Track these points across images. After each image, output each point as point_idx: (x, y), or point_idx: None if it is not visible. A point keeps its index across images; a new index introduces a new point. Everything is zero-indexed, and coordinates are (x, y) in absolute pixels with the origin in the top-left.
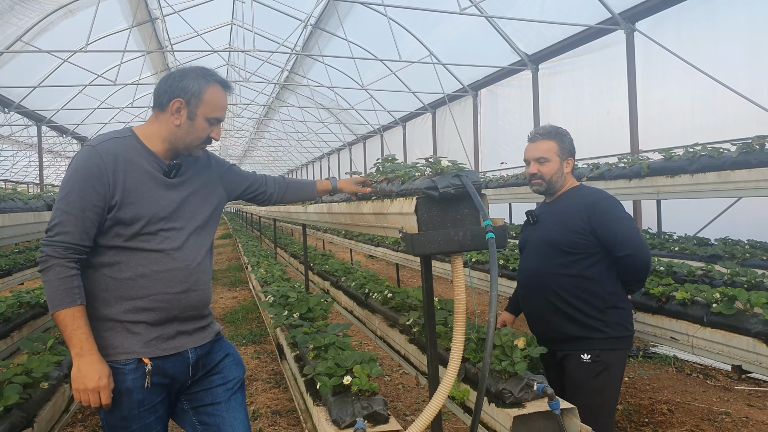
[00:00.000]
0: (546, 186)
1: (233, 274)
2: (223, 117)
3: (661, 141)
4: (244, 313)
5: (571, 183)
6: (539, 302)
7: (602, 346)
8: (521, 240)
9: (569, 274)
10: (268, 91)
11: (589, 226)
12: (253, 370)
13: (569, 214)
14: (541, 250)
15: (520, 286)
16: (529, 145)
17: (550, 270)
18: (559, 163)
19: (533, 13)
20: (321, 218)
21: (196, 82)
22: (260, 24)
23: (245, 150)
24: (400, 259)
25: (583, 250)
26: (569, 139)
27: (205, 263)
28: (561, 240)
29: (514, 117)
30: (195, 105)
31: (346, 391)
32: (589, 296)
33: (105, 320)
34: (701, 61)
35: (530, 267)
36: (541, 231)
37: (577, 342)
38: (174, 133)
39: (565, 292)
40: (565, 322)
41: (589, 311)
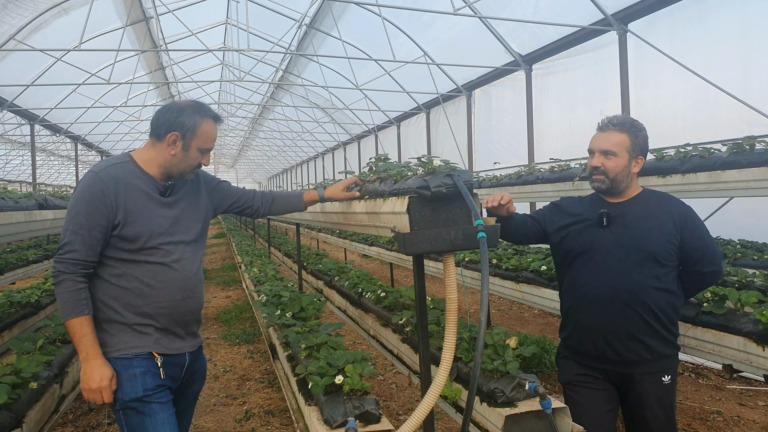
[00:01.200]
0: (609, 184)
1: (227, 274)
2: (213, 147)
3: (654, 141)
4: (237, 313)
5: (637, 184)
6: (626, 319)
7: (676, 363)
8: (580, 243)
9: (662, 288)
10: (262, 90)
11: (679, 236)
12: (246, 369)
13: (661, 220)
14: (628, 258)
15: (585, 297)
16: (598, 134)
17: (643, 282)
18: (628, 161)
19: (527, 13)
20: (314, 217)
21: (192, 118)
22: (255, 23)
23: (240, 149)
24: (394, 258)
25: (673, 261)
26: (645, 135)
27: (200, 272)
28: (658, 249)
29: (507, 117)
30: (190, 138)
31: (338, 391)
32: (673, 312)
33: (116, 323)
34: (693, 62)
35: (611, 277)
36: (621, 236)
37: (660, 361)
38: (169, 161)
39: (658, 307)
40: (654, 340)
41: (671, 327)
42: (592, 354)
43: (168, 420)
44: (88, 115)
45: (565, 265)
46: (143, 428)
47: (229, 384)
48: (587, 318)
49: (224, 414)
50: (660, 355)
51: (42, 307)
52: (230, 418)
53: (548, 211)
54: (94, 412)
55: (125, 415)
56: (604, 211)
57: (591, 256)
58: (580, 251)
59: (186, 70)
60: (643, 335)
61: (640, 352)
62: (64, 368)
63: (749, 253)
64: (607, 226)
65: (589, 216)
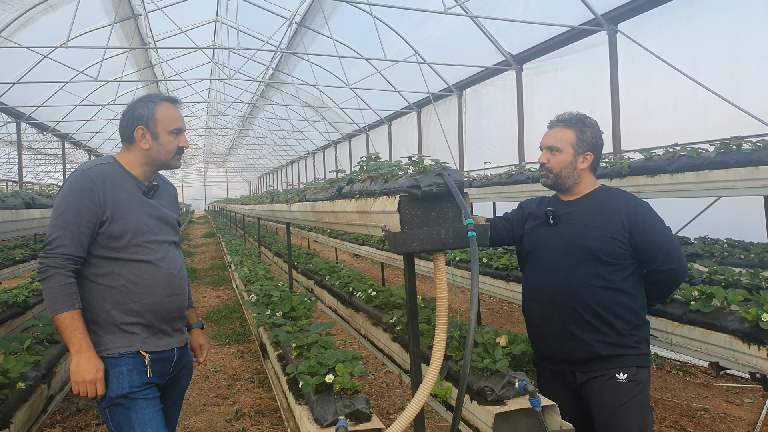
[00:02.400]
0: (553, 180)
1: (216, 273)
2: (182, 126)
3: (643, 141)
4: (227, 313)
5: (590, 182)
6: (565, 318)
7: (638, 363)
8: (531, 242)
9: (606, 287)
10: (252, 88)
11: (628, 233)
12: (237, 369)
13: (605, 217)
14: (570, 256)
15: (533, 297)
16: (546, 131)
17: (583, 281)
18: (573, 156)
19: (517, 13)
20: (305, 216)
21: (146, 107)
22: (245, 21)
23: (229, 148)
24: (384, 257)
25: (621, 260)
26: (593, 132)
27: (183, 270)
28: (600, 247)
29: (498, 117)
30: (153, 125)
31: (329, 390)
32: (625, 311)
33: (104, 324)
34: (682, 62)
35: (554, 276)
36: (566, 234)
37: (611, 361)
38: (148, 155)
39: (601, 306)
40: (599, 341)
41: (624, 328)
42: (545, 354)
43: (154, 416)
44: (75, 113)
45: (523, 266)
46: (129, 424)
47: (219, 384)
48: (534, 317)
49: (214, 414)
50: (612, 354)
51: (29, 307)
52: (220, 418)
53: (515, 212)
54: (83, 413)
55: (111, 412)
56: (550, 209)
57: (537, 255)
58: (529, 250)
59: (175, 68)
60: (584, 334)
61: (585, 350)
62: (52, 368)
63: (736, 252)
64: (554, 224)
65: (540, 215)
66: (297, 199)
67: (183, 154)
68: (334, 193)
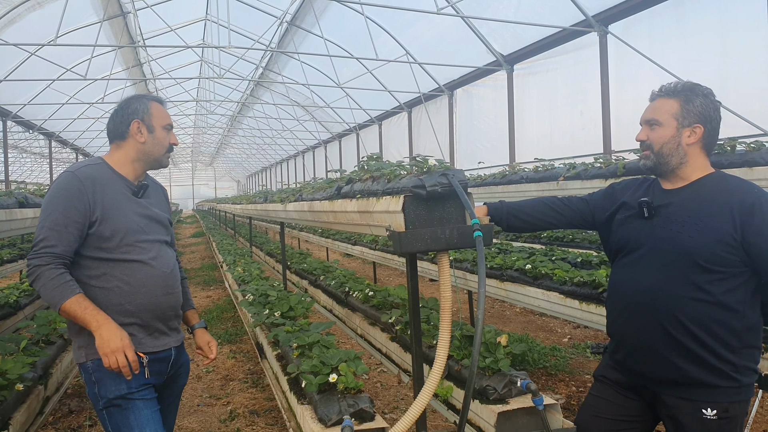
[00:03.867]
0: (654, 159)
1: (207, 273)
2: (173, 124)
3: (633, 142)
4: (218, 313)
5: (701, 165)
6: (650, 330)
7: (732, 397)
8: (620, 237)
9: (703, 300)
10: (242, 87)
11: (741, 235)
12: (230, 369)
13: (711, 213)
14: (661, 258)
15: (615, 302)
16: (647, 107)
17: (677, 290)
18: (676, 130)
19: (509, 14)
20: (302, 216)
21: (140, 102)
22: (235, 20)
23: (218, 147)
24: (377, 257)
25: (727, 267)
26: (704, 101)
27: (176, 269)
28: (700, 250)
29: (489, 117)
30: (149, 119)
31: (332, 390)
32: (724, 331)
33: None
34: (671, 63)
35: (639, 279)
36: (661, 231)
37: (699, 390)
38: (142, 150)
39: (694, 323)
40: (686, 362)
41: (721, 351)
42: (621, 362)
43: (152, 416)
44: (62, 112)
45: (611, 262)
46: (128, 425)
47: (213, 384)
48: (615, 323)
49: (208, 414)
50: (700, 382)
51: (21, 307)
52: (214, 419)
53: (601, 195)
54: (75, 414)
55: (109, 413)
56: (644, 199)
57: (627, 254)
58: (619, 246)
59: (164, 67)
60: (671, 354)
61: (669, 373)
62: (48, 369)
63: None
64: (649, 218)
65: (634, 204)
66: (293, 198)
67: (172, 152)
68: (333, 193)
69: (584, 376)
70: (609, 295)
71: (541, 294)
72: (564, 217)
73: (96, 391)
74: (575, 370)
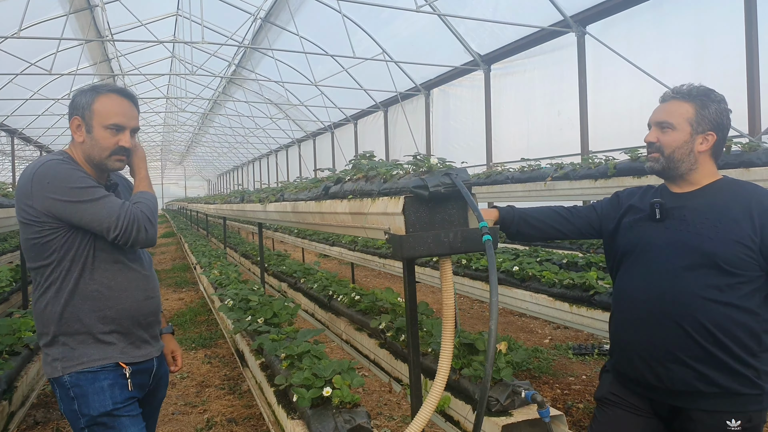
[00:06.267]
0: (664, 163)
1: (178, 275)
2: (125, 123)
3: (610, 142)
4: (192, 316)
5: (710, 171)
6: (667, 336)
7: (755, 406)
8: (629, 240)
9: (722, 302)
10: (214, 85)
11: (760, 239)
12: (205, 375)
13: (730, 215)
14: (679, 260)
15: (624, 307)
16: (657, 106)
17: (694, 292)
18: (689, 135)
19: (486, 13)
20: (283, 217)
21: (85, 97)
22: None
23: (188, 145)
24: (356, 258)
25: (746, 270)
26: (719, 108)
27: (153, 271)
28: (720, 252)
29: (466, 117)
30: (89, 117)
31: (326, 404)
32: (745, 335)
33: (77, 335)
34: (649, 64)
35: (655, 283)
36: (676, 232)
37: (720, 400)
38: (83, 151)
39: (715, 325)
40: (708, 368)
41: (743, 355)
42: (631, 377)
43: None
44: (26, 108)
45: (614, 269)
46: None
47: (188, 391)
48: (625, 332)
49: (184, 423)
50: (724, 390)
51: None
52: (190, 428)
53: (608, 203)
54: (41, 426)
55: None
56: (657, 200)
57: (637, 257)
58: (626, 250)
59: (134, 63)
60: (692, 359)
61: (691, 381)
62: (12, 383)
63: None
64: (661, 220)
65: (644, 207)
66: (273, 198)
67: (125, 155)
68: (320, 193)
69: (568, 378)
70: (616, 302)
71: (530, 296)
72: (573, 225)
73: (75, 408)
74: (558, 372)
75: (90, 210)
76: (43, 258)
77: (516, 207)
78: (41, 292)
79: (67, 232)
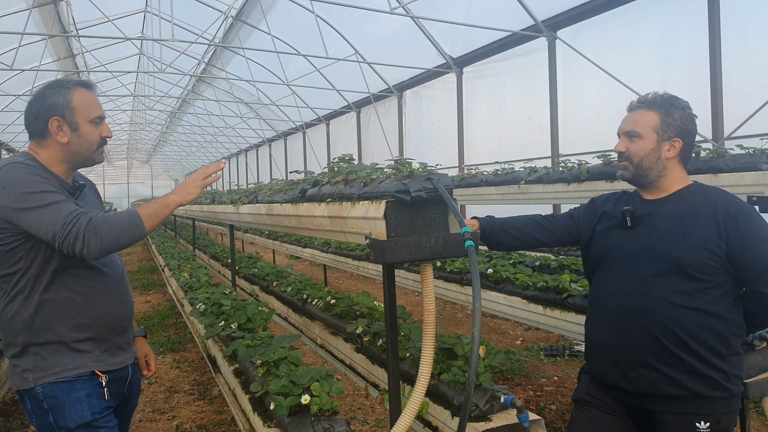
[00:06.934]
0: (633, 171)
1: (145, 277)
2: (103, 114)
3: (580, 145)
4: (160, 319)
5: (680, 177)
6: (637, 342)
7: (724, 408)
8: (602, 246)
9: (690, 307)
10: (183, 83)
11: (726, 245)
12: (174, 380)
13: (697, 222)
14: (648, 267)
15: (597, 314)
16: (625, 116)
17: (662, 297)
18: (656, 143)
19: (459, 16)
20: (257, 220)
21: (58, 95)
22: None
23: (156, 144)
24: (329, 260)
25: (713, 275)
26: (683, 114)
27: (125, 275)
28: (687, 258)
29: (438, 119)
30: (71, 116)
31: (304, 411)
32: (713, 338)
33: (49, 344)
34: (617, 69)
35: (625, 289)
36: (646, 239)
37: (692, 402)
38: (69, 151)
39: (684, 330)
40: (678, 372)
41: (711, 359)
42: (605, 379)
43: None
44: None
45: (590, 275)
46: None
47: (156, 397)
48: (598, 336)
49: (151, 431)
50: (693, 393)
51: None
52: None
53: (584, 210)
54: None
55: None
56: (628, 208)
57: (610, 264)
58: (600, 257)
59: (100, 59)
60: (662, 364)
61: (660, 385)
62: None
63: None
64: (632, 227)
65: (615, 214)
66: (246, 200)
67: (106, 145)
68: (296, 196)
69: (540, 379)
70: (591, 308)
71: (504, 299)
72: (552, 234)
73: (50, 420)
74: (531, 374)
75: (37, 216)
76: (9, 266)
77: (495, 217)
78: (8, 301)
79: (32, 238)
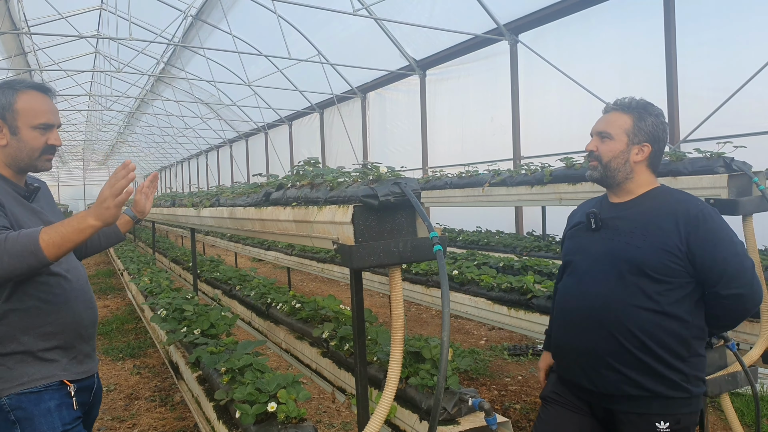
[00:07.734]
0: (602, 171)
1: (103, 281)
2: (53, 121)
3: (541, 147)
4: (119, 324)
5: (646, 181)
6: (598, 343)
7: (684, 408)
8: (569, 249)
9: (651, 309)
10: (141, 83)
11: (686, 247)
12: (134, 387)
13: (659, 224)
14: (611, 269)
15: (561, 315)
16: (600, 117)
17: (624, 300)
18: (626, 145)
19: (422, 19)
20: (220, 223)
21: (3, 96)
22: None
23: (113, 145)
24: (293, 262)
25: (674, 277)
26: (655, 121)
27: (87, 281)
28: (648, 260)
29: (402, 121)
30: (12, 118)
31: (271, 419)
32: (673, 340)
33: (13, 354)
34: (578, 73)
35: (588, 291)
36: (609, 242)
37: (652, 402)
38: (7, 154)
39: (644, 332)
40: (638, 373)
41: (671, 360)
42: (568, 379)
43: None
44: None
45: (560, 277)
46: None
47: (115, 404)
48: (562, 338)
49: None
50: (652, 393)
51: None
52: None
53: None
54: None
55: None
56: (593, 211)
57: (575, 266)
58: (567, 259)
59: (53, 57)
60: (622, 365)
61: (621, 386)
62: None
63: None
64: (597, 230)
65: (583, 218)
66: (208, 203)
67: (54, 153)
68: (260, 199)
69: (504, 379)
70: (556, 310)
71: (469, 300)
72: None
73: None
74: (495, 374)
75: None
76: None
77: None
78: None
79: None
